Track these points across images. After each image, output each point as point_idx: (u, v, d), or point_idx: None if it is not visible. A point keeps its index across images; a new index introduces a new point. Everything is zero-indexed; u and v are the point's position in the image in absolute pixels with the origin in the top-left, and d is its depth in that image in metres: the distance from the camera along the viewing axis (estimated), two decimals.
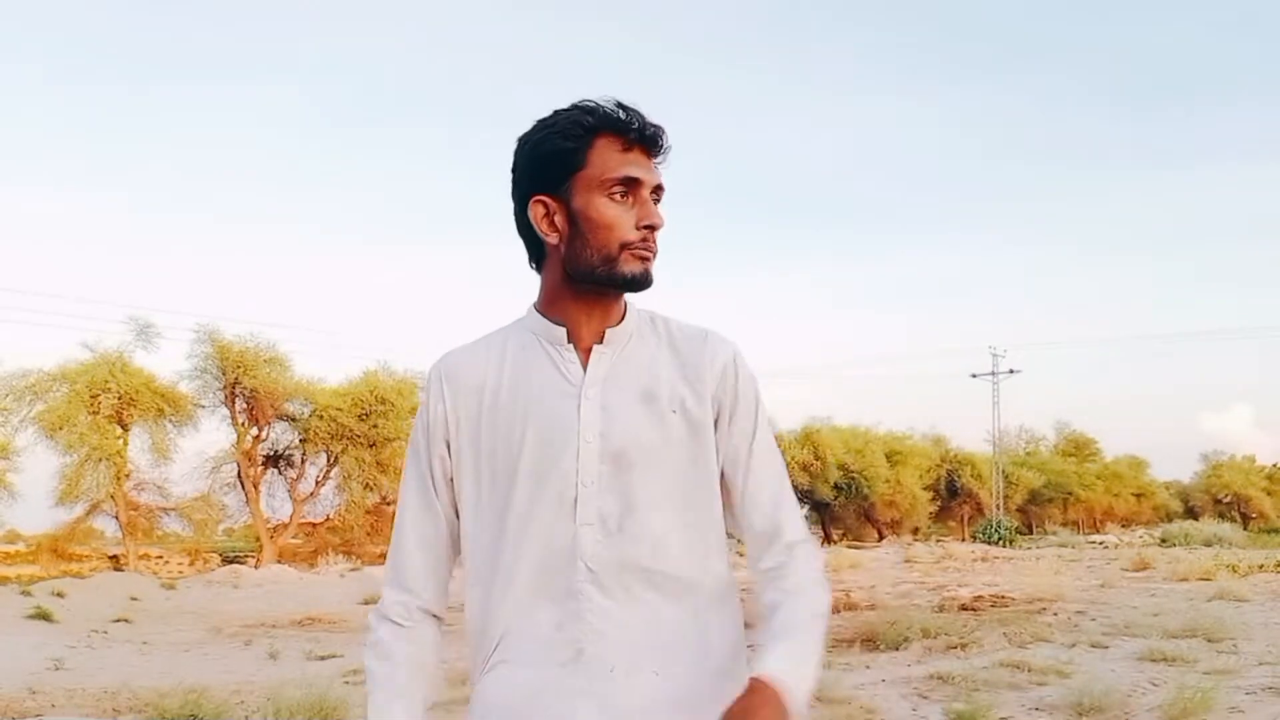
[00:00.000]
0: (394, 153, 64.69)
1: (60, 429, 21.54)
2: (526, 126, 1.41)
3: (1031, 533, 46.07)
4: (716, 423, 1.41)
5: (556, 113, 1.38)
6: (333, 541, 25.21)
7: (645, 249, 1.36)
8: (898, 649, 9.00)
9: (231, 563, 23.66)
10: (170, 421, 23.23)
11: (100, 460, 21.65)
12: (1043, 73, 66.65)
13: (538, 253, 1.42)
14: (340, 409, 24.43)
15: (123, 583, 17.89)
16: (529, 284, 1.48)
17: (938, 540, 36.81)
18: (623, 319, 1.41)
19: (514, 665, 1.35)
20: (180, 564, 24.26)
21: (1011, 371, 45.88)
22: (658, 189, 1.38)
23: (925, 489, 41.26)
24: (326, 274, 66.34)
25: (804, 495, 37.49)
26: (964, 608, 12.45)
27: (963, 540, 37.85)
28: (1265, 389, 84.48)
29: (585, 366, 1.38)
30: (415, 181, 64.79)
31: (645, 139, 1.37)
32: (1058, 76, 67.81)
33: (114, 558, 23.70)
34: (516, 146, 1.41)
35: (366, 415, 24.58)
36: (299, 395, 24.92)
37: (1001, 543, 35.22)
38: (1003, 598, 13.54)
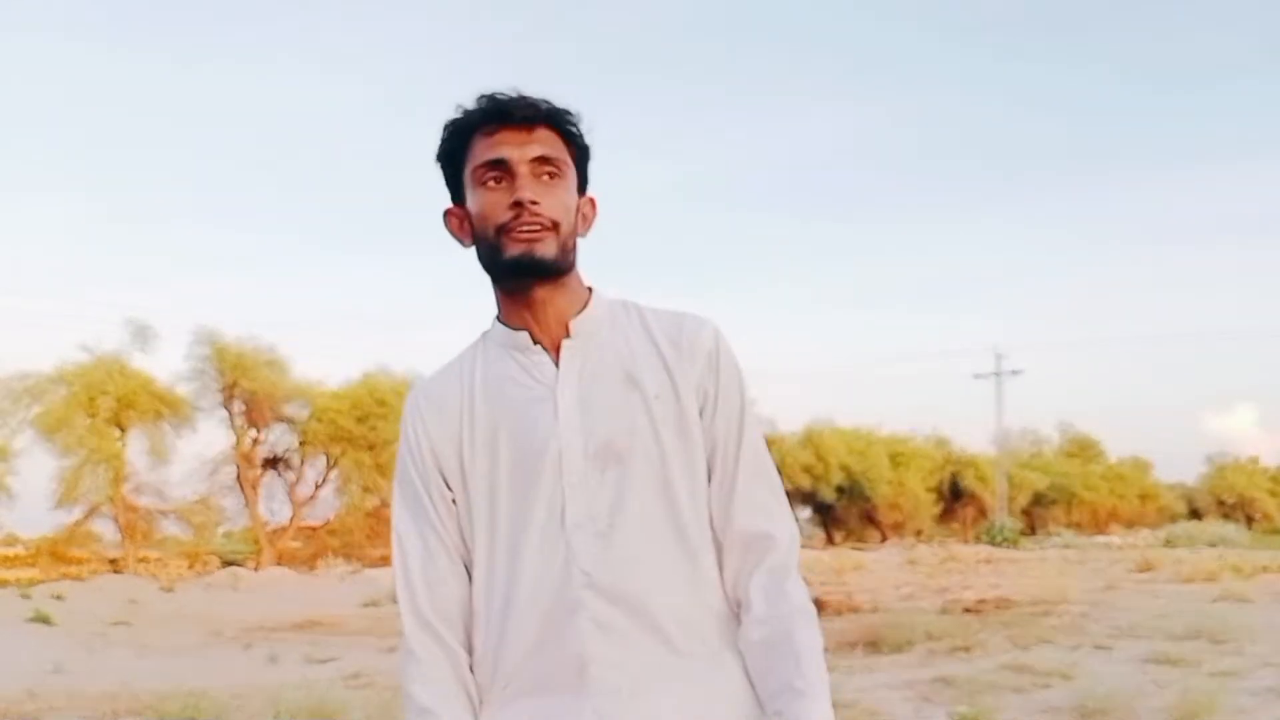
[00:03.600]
0: (394, 153, 64.81)
1: (58, 431, 21.53)
2: None
3: (1035, 534, 46.02)
4: (702, 411, 1.33)
5: None
6: (332, 544, 25.17)
7: (519, 226, 1.27)
8: (901, 652, 8.95)
9: (230, 566, 23.59)
10: (168, 424, 23.25)
11: (98, 463, 21.63)
12: (1044, 72, 66.69)
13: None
14: (339, 411, 24.45)
15: (122, 586, 17.87)
16: None
17: (941, 542, 36.75)
18: (585, 307, 1.34)
19: (518, 694, 1.29)
20: (179, 567, 24.16)
21: (1014, 372, 45.84)
22: (540, 160, 1.29)
23: (928, 491, 41.25)
24: (326, 275, 66.43)
25: (806, 497, 37.49)
26: (967, 610, 12.40)
27: (966, 542, 37.81)
28: (1270, 390, 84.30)
29: (559, 365, 1.32)
30: (416, 182, 64.91)
31: (505, 116, 1.29)
32: (1058, 75, 67.88)
33: (113, 561, 23.64)
34: None
35: (365, 418, 24.57)
36: (297, 397, 24.94)
37: (1005, 544, 35.14)
38: (1006, 600, 13.49)
